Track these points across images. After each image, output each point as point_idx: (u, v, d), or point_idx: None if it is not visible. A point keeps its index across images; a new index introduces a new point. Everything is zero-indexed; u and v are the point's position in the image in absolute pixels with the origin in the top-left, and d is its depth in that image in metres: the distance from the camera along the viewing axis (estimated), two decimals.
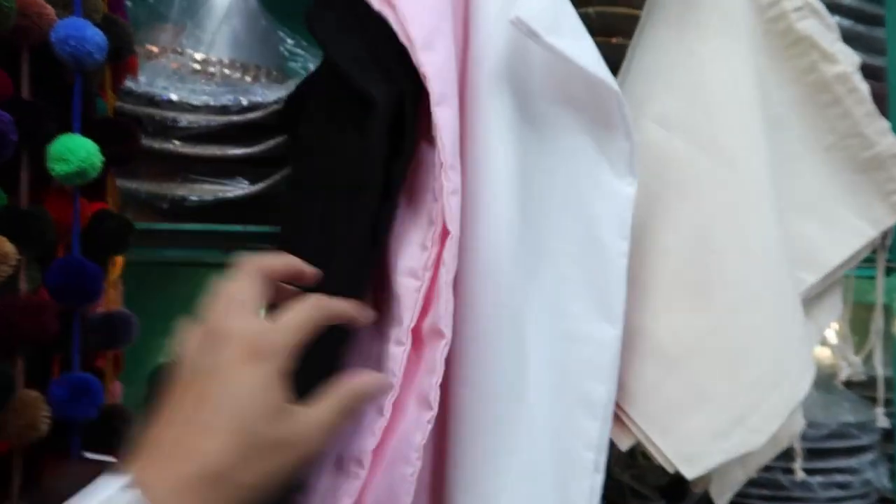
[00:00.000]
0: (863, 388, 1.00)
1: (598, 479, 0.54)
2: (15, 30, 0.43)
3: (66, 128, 0.45)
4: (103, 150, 0.46)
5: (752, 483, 0.86)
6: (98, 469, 0.32)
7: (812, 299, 0.73)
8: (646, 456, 0.62)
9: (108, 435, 0.47)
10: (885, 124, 0.72)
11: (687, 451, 0.57)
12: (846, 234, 0.71)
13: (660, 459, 0.59)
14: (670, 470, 0.58)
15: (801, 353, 0.58)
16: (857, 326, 0.91)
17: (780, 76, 0.72)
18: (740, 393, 0.56)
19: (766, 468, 0.86)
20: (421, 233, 0.50)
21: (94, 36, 0.45)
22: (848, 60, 0.72)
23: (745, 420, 0.56)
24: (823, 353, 1.02)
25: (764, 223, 0.61)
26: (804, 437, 0.86)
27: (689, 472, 0.56)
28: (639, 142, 0.62)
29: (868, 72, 0.74)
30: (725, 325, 0.58)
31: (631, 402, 0.61)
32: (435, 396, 0.47)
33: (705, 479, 0.70)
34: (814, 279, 0.69)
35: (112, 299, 0.52)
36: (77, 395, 0.44)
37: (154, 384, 0.73)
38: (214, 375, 0.35)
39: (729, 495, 0.72)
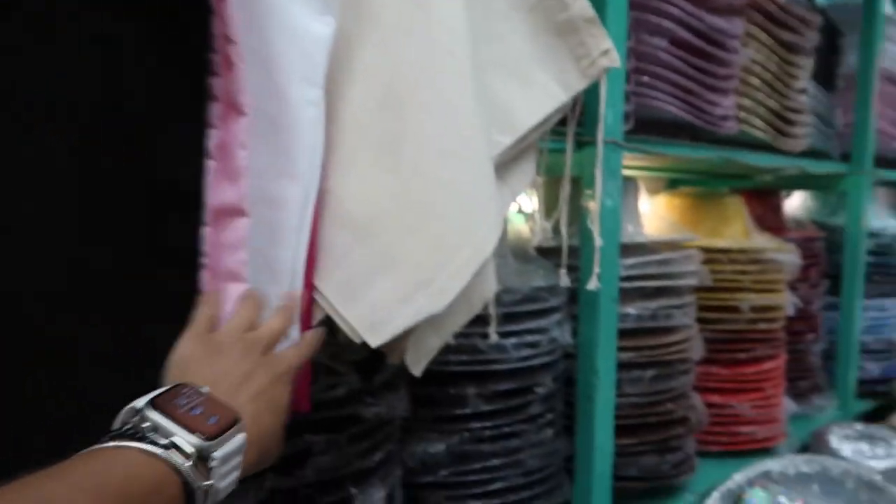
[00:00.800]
0: (555, 256, 1.08)
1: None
2: None
3: None
4: None
5: (450, 349, 0.88)
6: None
7: (507, 163, 0.72)
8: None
9: None
10: None
11: (372, 318, 0.53)
12: (541, 96, 0.71)
13: (346, 330, 0.54)
14: (356, 340, 0.54)
15: (490, 213, 0.56)
16: (552, 199, 0.95)
17: None
18: (426, 254, 0.53)
19: (465, 335, 0.89)
20: None
21: None
22: None
23: (431, 282, 0.53)
24: (519, 223, 1.07)
25: (460, 75, 0.57)
26: (500, 303, 0.90)
27: (374, 340, 0.53)
28: None
29: None
30: (414, 183, 0.54)
31: (320, 272, 0.55)
32: None
33: (400, 348, 0.68)
34: (509, 141, 0.69)
35: None
36: None
37: None
38: (266, 371, 0.48)
39: (424, 362, 0.71)
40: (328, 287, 0.54)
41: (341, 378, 0.68)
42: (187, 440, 0.37)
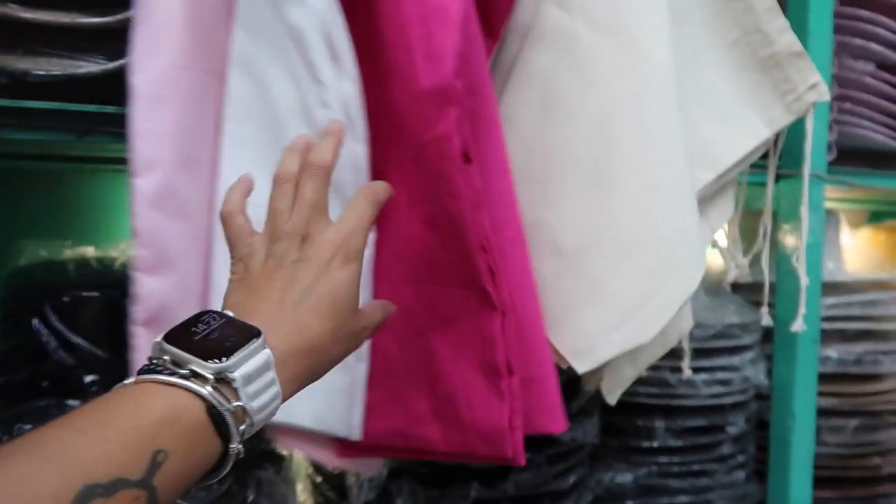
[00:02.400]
0: (748, 292, 1.05)
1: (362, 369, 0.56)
2: None
3: None
4: None
5: (640, 382, 0.89)
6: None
7: (706, 199, 0.73)
8: None
9: None
10: (784, 22, 0.71)
11: (579, 345, 0.56)
12: (743, 132, 0.71)
13: (553, 356, 0.58)
14: (563, 365, 0.58)
15: (695, 248, 0.58)
16: (745, 233, 0.93)
17: None
18: (633, 285, 0.56)
19: (654, 367, 0.89)
20: None
21: None
22: None
23: (637, 313, 0.55)
24: (712, 257, 1.05)
25: (666, 113, 0.59)
26: (691, 338, 0.90)
27: (580, 367, 0.56)
28: (545, 29, 0.59)
29: None
30: (623, 215, 0.57)
31: None
32: None
33: (597, 376, 0.71)
34: (710, 177, 0.69)
35: None
36: None
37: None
38: (308, 268, 0.44)
39: (619, 392, 0.73)
40: None
41: None
42: (204, 365, 0.37)
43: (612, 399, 0.73)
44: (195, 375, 0.36)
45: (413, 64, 0.50)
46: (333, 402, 0.54)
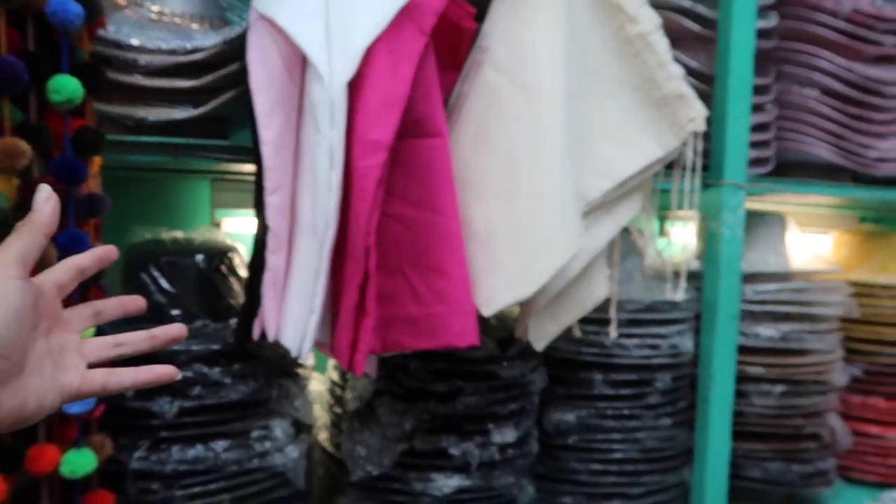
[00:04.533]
0: (693, 279, 1.28)
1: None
2: (22, 4, 0.67)
3: (59, 70, 0.70)
4: (83, 85, 0.70)
5: (583, 342, 1.15)
6: None
7: (614, 200, 0.99)
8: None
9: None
10: (673, 71, 0.97)
11: (486, 298, 0.84)
12: (637, 152, 0.97)
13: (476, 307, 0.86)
14: (481, 312, 0.86)
15: (568, 235, 0.84)
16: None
17: (599, 32, 0.96)
18: (522, 260, 0.83)
19: (595, 332, 1.15)
20: None
21: (75, 8, 0.69)
22: (649, 21, 0.96)
23: (523, 276, 0.83)
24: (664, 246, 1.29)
25: (554, 143, 0.86)
26: (624, 310, 1.15)
27: (485, 312, 0.84)
28: (482, 84, 0.88)
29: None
30: (518, 213, 0.84)
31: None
32: None
33: (522, 327, 0.98)
34: (608, 185, 0.96)
35: (93, 186, 0.77)
36: (74, 242, 0.70)
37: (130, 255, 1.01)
38: None
39: (545, 341, 1.00)
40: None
41: (484, 345, 1.00)
42: None
43: (538, 346, 1.00)
44: None
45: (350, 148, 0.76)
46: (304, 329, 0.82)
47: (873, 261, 1.53)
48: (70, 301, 0.50)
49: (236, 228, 1.33)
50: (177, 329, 0.53)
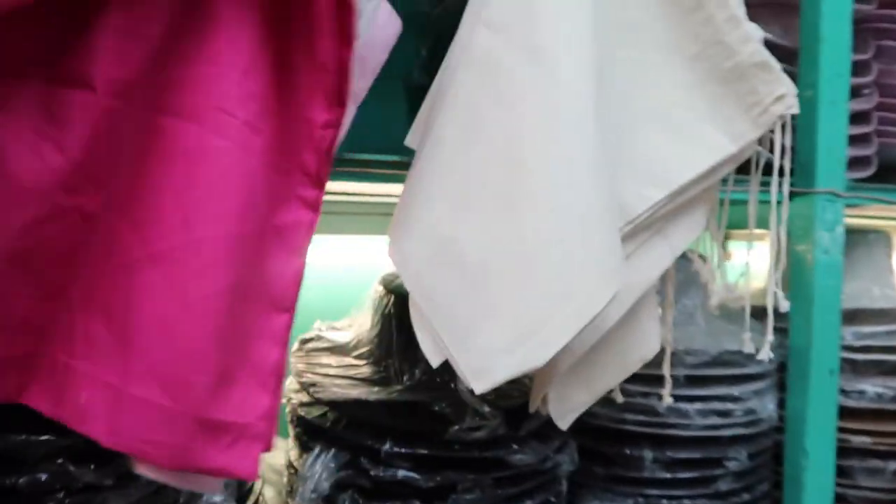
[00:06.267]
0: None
1: None
2: None
3: None
4: None
5: (627, 408, 0.86)
6: None
7: (667, 217, 0.70)
8: None
9: None
10: (748, 30, 0.68)
11: (477, 364, 0.56)
12: (701, 149, 0.68)
13: (459, 373, 0.58)
14: (467, 385, 0.57)
15: (602, 270, 0.55)
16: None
17: None
18: (531, 306, 0.55)
19: (644, 394, 0.86)
20: None
21: None
22: None
23: (534, 335, 0.54)
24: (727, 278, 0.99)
25: (581, 135, 0.58)
26: (682, 364, 0.86)
27: (478, 387, 0.55)
28: (473, 48, 0.60)
29: None
30: (526, 237, 0.56)
31: (436, 313, 0.60)
32: None
33: (537, 398, 0.69)
34: (660, 195, 0.67)
35: None
36: None
37: None
38: None
39: (571, 417, 0.71)
40: (444, 330, 0.59)
41: (486, 422, 0.71)
42: None
43: (563, 424, 0.71)
44: None
45: None
46: None
47: None
48: None
49: None
50: None
